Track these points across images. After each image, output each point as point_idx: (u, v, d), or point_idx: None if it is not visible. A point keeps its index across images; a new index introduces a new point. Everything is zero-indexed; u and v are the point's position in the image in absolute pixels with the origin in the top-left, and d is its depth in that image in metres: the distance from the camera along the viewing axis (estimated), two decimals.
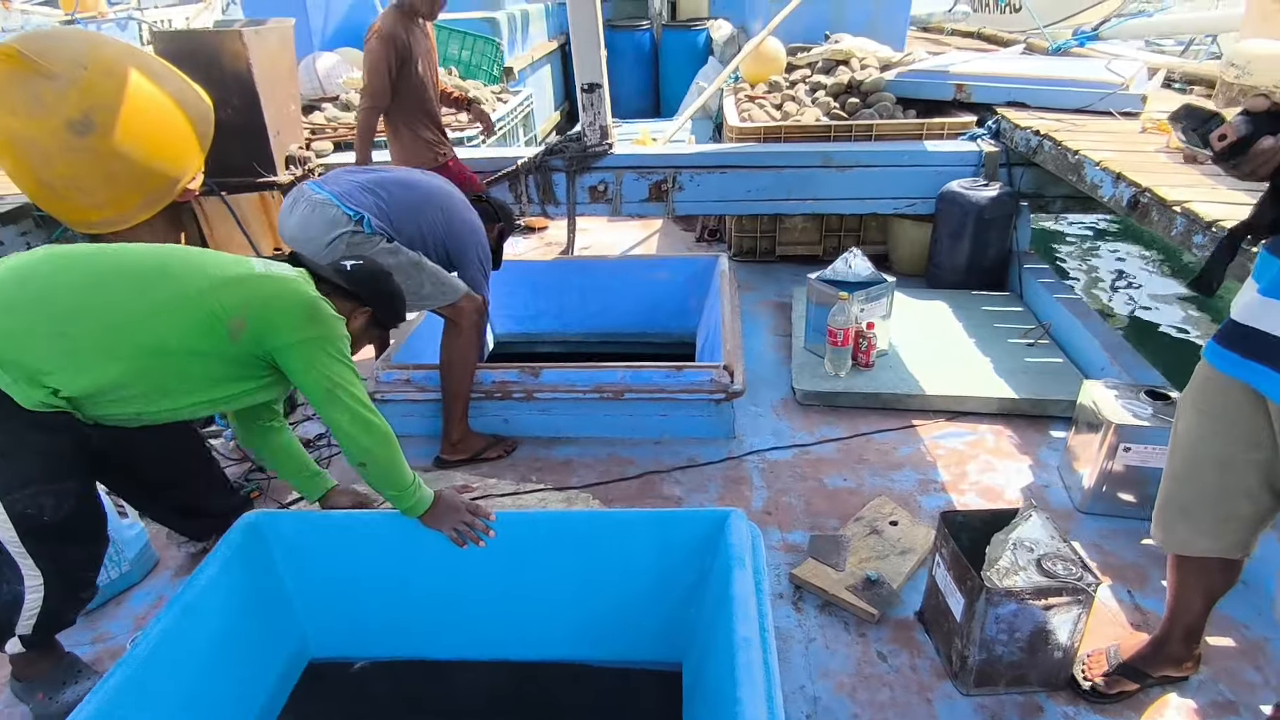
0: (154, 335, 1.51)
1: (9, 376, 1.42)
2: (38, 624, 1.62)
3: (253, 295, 1.58)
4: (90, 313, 1.48)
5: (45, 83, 2.48)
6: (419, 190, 2.44)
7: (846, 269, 2.94)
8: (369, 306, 1.84)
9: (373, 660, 1.86)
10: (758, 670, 1.32)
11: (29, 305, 1.46)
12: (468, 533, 1.70)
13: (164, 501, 1.97)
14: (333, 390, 1.59)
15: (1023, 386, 2.72)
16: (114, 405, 1.54)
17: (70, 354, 1.46)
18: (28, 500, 1.50)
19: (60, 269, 1.52)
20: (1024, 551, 1.60)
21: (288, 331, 1.58)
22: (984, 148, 3.67)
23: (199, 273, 1.57)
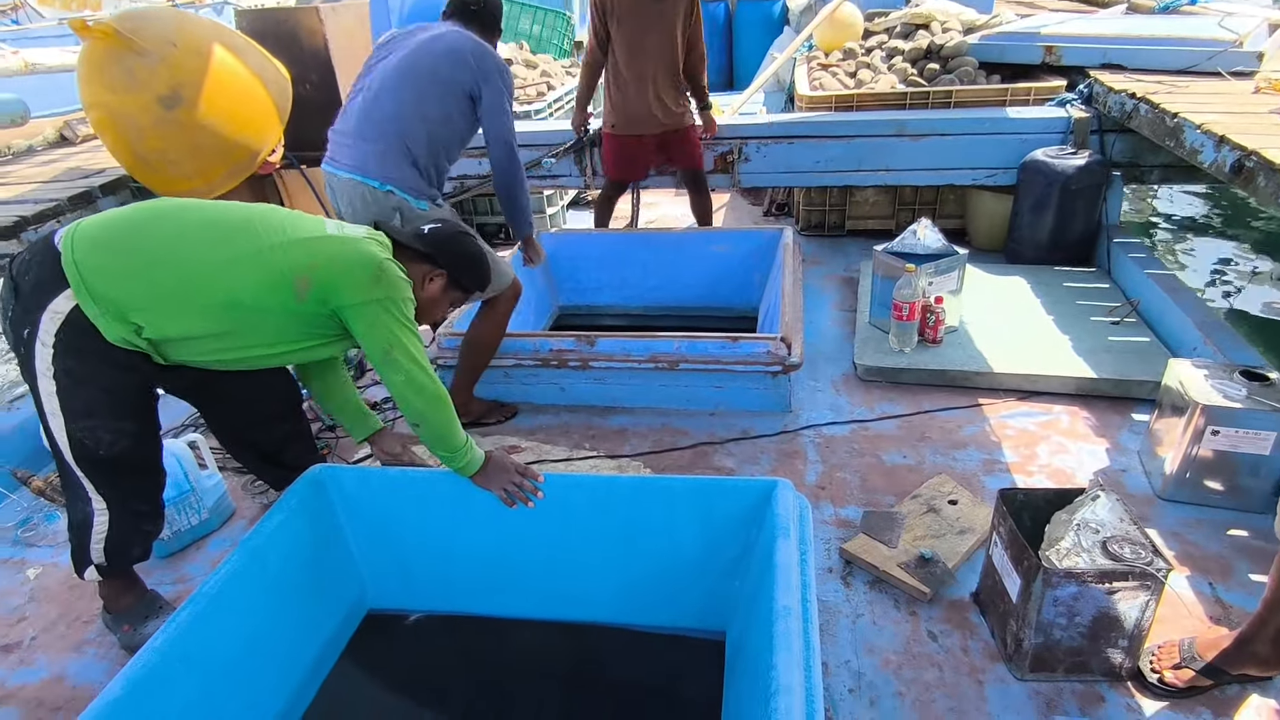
0: (227, 288, 1.58)
1: (98, 308, 1.52)
2: (107, 550, 1.74)
3: (319, 255, 1.63)
4: (174, 260, 1.56)
5: (138, 59, 2.63)
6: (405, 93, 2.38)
7: (915, 240, 2.83)
8: (445, 269, 1.83)
9: (428, 614, 1.92)
10: (796, 640, 1.30)
11: (126, 248, 1.56)
12: (516, 493, 1.74)
13: (246, 441, 2.08)
14: (390, 351, 1.63)
15: (1104, 366, 2.56)
16: (189, 352, 1.63)
17: (153, 298, 1.55)
18: (86, 431, 1.61)
19: (157, 218, 1.62)
20: (1089, 533, 1.51)
21: (352, 291, 1.62)
22: (1073, 113, 3.45)
23: (275, 231, 1.64)
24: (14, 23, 8.83)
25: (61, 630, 1.95)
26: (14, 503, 2.42)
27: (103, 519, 1.71)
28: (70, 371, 1.56)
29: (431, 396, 1.67)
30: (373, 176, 2.35)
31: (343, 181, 2.41)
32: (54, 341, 1.53)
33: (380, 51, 2.48)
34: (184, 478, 2.16)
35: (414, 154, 2.37)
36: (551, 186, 4.20)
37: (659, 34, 3.23)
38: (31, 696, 1.77)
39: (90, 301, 1.51)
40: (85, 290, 1.51)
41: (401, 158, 2.36)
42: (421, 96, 2.36)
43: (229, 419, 2.04)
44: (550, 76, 4.81)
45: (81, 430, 1.61)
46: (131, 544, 1.79)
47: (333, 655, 1.80)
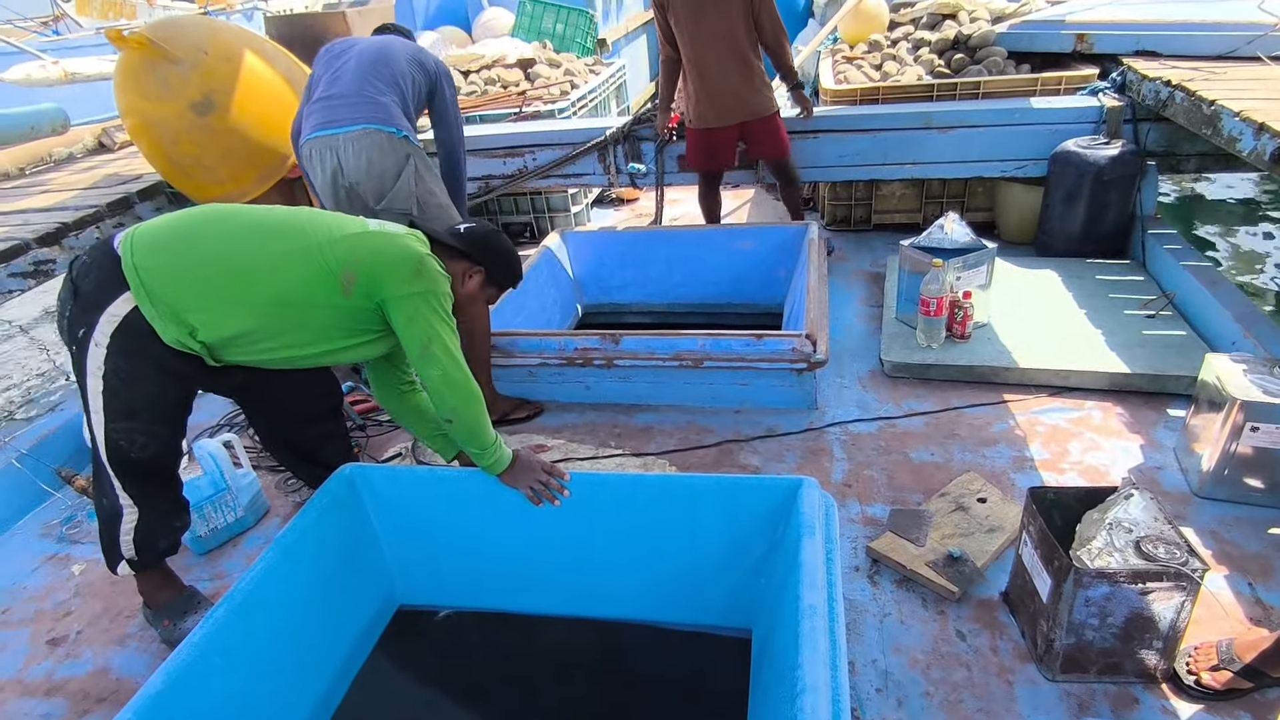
0: (276, 285, 1.62)
1: (155, 310, 1.57)
2: (136, 543, 1.80)
3: (363, 249, 1.67)
4: (224, 260, 1.61)
5: (171, 67, 2.70)
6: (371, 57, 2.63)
7: (942, 235, 2.79)
8: (482, 266, 1.87)
9: (457, 609, 1.95)
10: (822, 638, 1.30)
11: (181, 250, 1.61)
12: (543, 491, 1.75)
13: (285, 439, 2.13)
14: (429, 345, 1.66)
15: (1138, 361, 2.51)
16: (241, 352, 1.67)
17: (206, 296, 1.60)
18: (123, 432, 1.67)
19: (207, 221, 1.67)
20: (1121, 532, 1.49)
21: (394, 284, 1.65)
22: (1106, 102, 3.37)
23: (319, 229, 1.68)
24: (55, 33, 9.07)
25: (105, 624, 2.01)
26: (59, 501, 2.50)
27: (131, 514, 1.77)
28: (119, 372, 1.62)
29: (465, 393, 1.69)
30: (390, 124, 2.50)
31: (353, 135, 2.50)
32: (108, 343, 1.59)
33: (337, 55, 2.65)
34: (220, 476, 2.21)
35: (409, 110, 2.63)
36: (576, 185, 4.21)
37: (717, 19, 3.13)
38: (78, 689, 1.83)
39: (149, 303, 1.56)
40: (144, 292, 1.56)
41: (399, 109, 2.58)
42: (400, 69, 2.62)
43: (271, 417, 2.09)
44: (574, 75, 4.82)
45: (119, 431, 1.67)
46: (158, 536, 1.84)
47: (365, 650, 1.83)
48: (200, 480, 2.18)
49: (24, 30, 8.67)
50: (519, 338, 2.69)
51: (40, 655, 1.93)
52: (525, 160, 3.89)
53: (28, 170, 3.86)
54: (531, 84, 4.64)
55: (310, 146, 2.54)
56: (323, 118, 2.52)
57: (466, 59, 4.83)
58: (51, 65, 4.66)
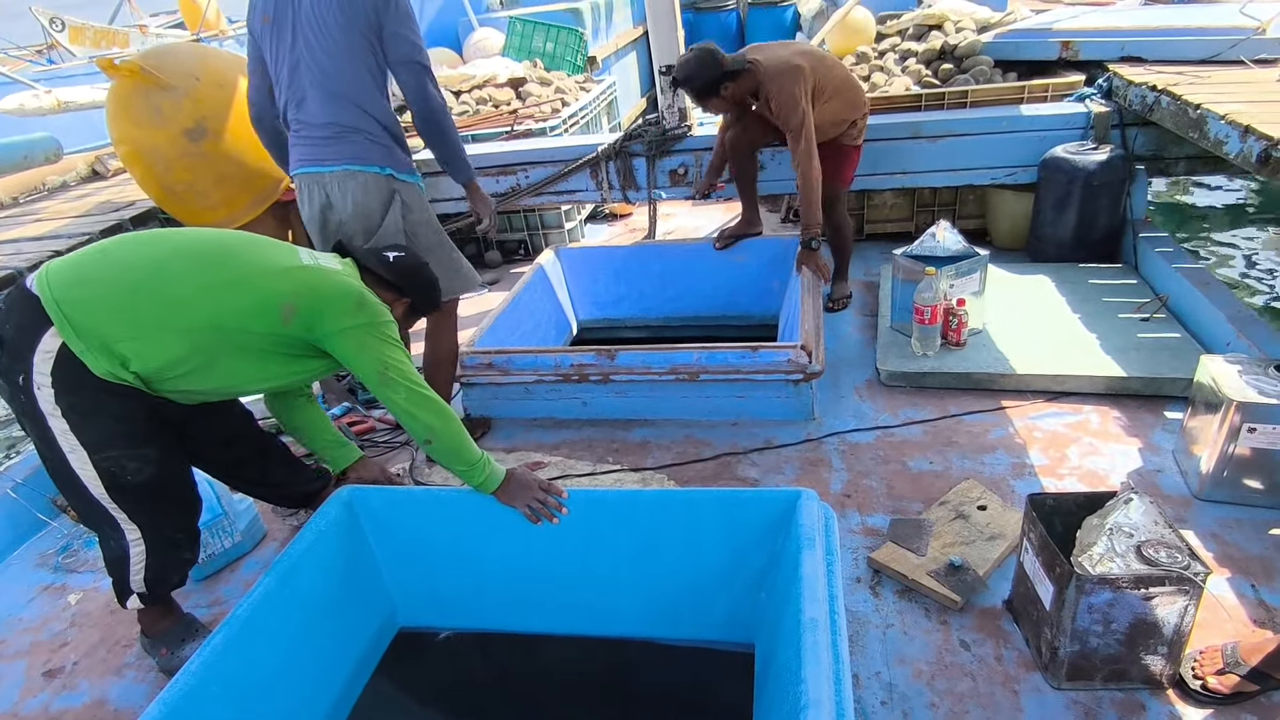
0: (210, 312, 1.59)
1: (83, 344, 1.52)
2: (147, 580, 1.77)
3: (302, 284, 1.66)
4: (155, 287, 1.58)
5: (163, 94, 2.71)
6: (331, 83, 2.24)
7: (935, 243, 2.80)
8: (408, 296, 1.92)
9: (458, 631, 1.94)
10: (825, 652, 1.29)
11: (104, 278, 1.57)
12: (541, 509, 1.75)
13: (236, 474, 2.07)
14: (385, 372, 1.65)
15: (1134, 364, 2.52)
16: (175, 381, 1.63)
17: (137, 325, 1.55)
18: (111, 460, 1.62)
19: (137, 245, 1.65)
20: (1122, 537, 1.48)
21: (337, 319, 1.65)
22: (1093, 108, 3.40)
23: (256, 258, 1.67)
24: (49, 62, 9.12)
25: (102, 654, 1.99)
26: (55, 530, 2.48)
27: (138, 550, 1.73)
28: (75, 407, 1.57)
29: (436, 409, 1.69)
30: (370, 163, 2.28)
31: (337, 176, 2.29)
32: (50, 381, 1.53)
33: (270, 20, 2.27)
34: (216, 501, 2.20)
35: (383, 122, 2.29)
36: (569, 201, 4.23)
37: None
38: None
39: (75, 337, 1.51)
40: (69, 326, 1.51)
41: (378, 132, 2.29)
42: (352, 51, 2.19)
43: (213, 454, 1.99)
44: (565, 93, 4.85)
45: (106, 460, 1.62)
46: (170, 572, 1.82)
47: (365, 673, 1.81)
48: None
49: (18, 60, 8.72)
50: (515, 355, 2.69)
51: (36, 687, 1.91)
52: (518, 178, 3.91)
53: (21, 199, 3.87)
54: (523, 102, 4.67)
55: (299, 180, 2.39)
56: (305, 153, 2.33)
57: (458, 79, 4.87)
58: (45, 94, 4.69)
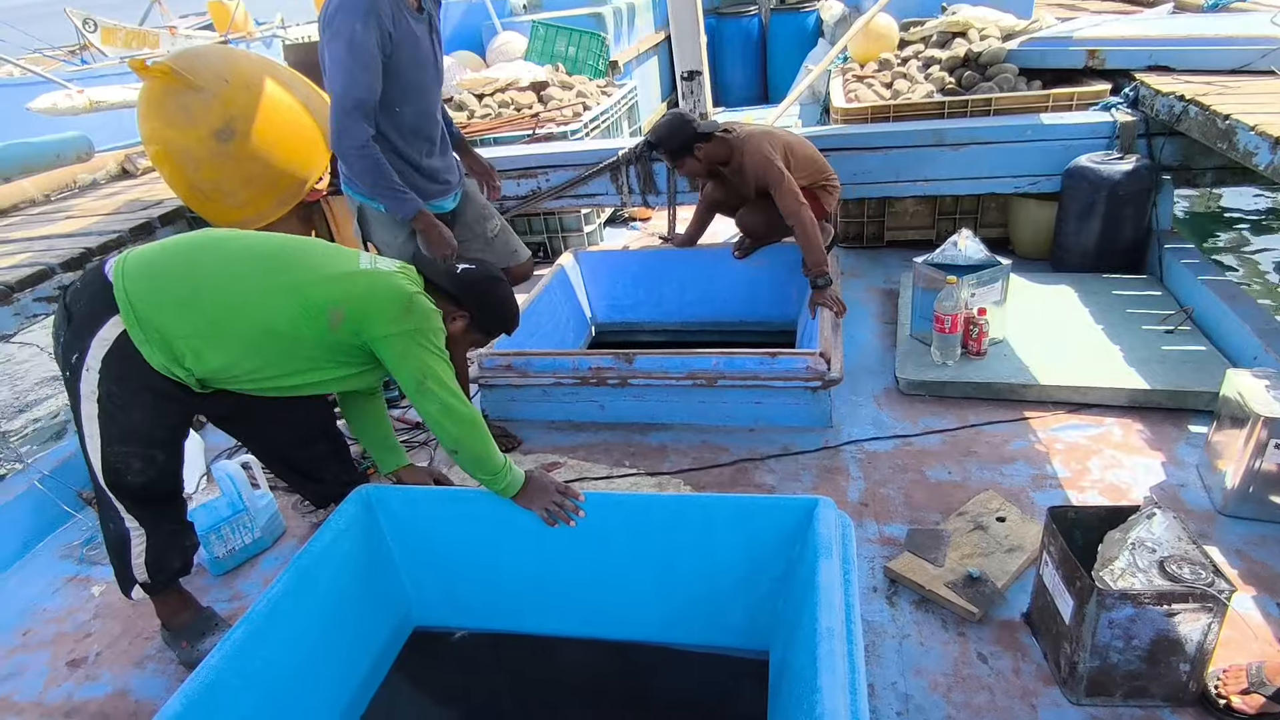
0: (264, 317, 1.64)
1: (144, 335, 1.58)
2: (149, 565, 1.81)
3: (352, 289, 1.68)
4: (216, 289, 1.63)
5: (193, 95, 2.75)
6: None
7: (956, 251, 2.78)
8: (468, 311, 1.88)
9: (473, 631, 1.95)
10: (840, 661, 1.29)
11: (172, 277, 1.63)
12: (558, 513, 1.75)
13: (283, 458, 2.14)
14: (423, 381, 1.67)
15: (1157, 377, 2.48)
16: (230, 381, 1.69)
17: (194, 325, 1.61)
18: (119, 456, 1.68)
19: (201, 248, 1.69)
20: (1144, 552, 1.47)
21: (383, 324, 1.67)
22: (1119, 118, 3.36)
23: (310, 264, 1.70)
24: (82, 62, 9.31)
25: (124, 646, 2.02)
26: (79, 522, 2.53)
27: (139, 537, 1.78)
28: (112, 397, 1.63)
29: (467, 423, 1.70)
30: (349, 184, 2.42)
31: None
32: (100, 367, 1.60)
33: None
34: (238, 497, 2.23)
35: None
36: (589, 204, 4.25)
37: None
38: (97, 710, 1.83)
39: (137, 328, 1.58)
40: (134, 317, 1.57)
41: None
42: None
43: (262, 443, 2.11)
44: (586, 97, 4.88)
45: (115, 455, 1.68)
46: (171, 558, 1.86)
47: (381, 671, 1.83)
48: (218, 501, 2.20)
49: (52, 60, 8.89)
50: (533, 358, 2.70)
51: (60, 677, 1.95)
52: (539, 181, 3.93)
53: (53, 196, 3.94)
54: (544, 106, 4.69)
55: None
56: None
57: (481, 83, 4.90)
58: (77, 94, 4.77)
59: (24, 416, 5.32)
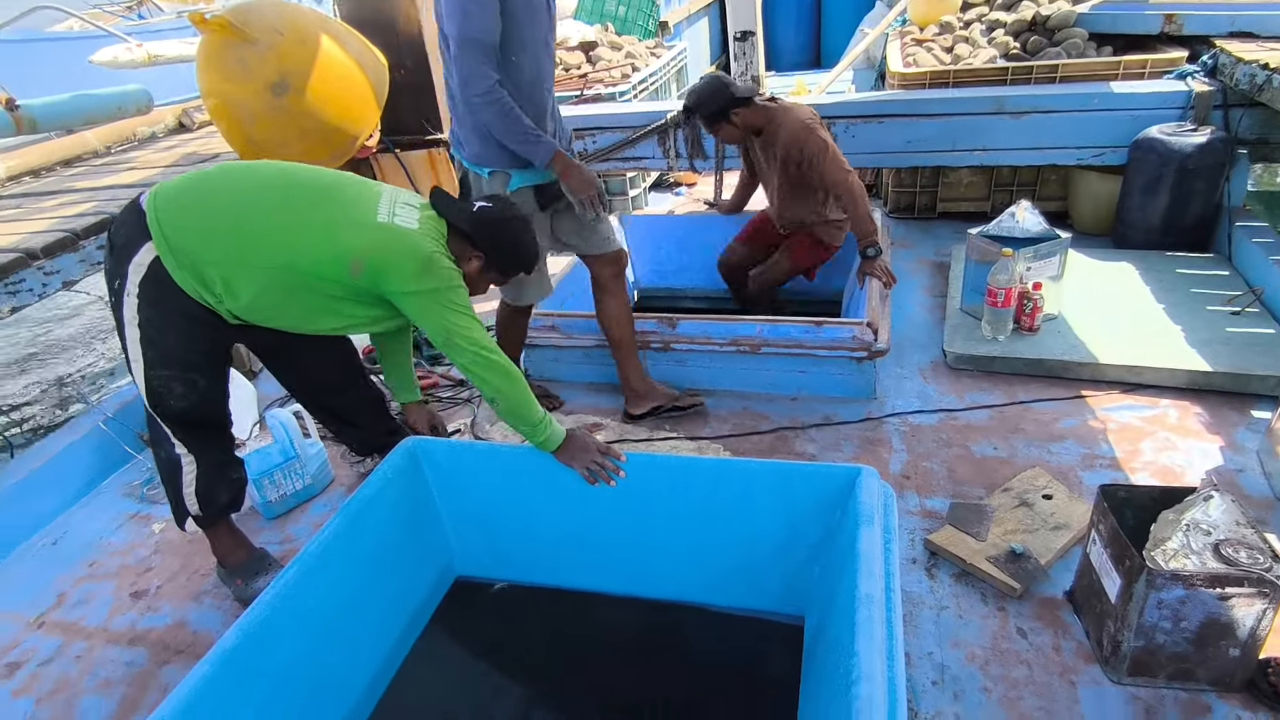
0: (285, 251, 1.66)
1: (175, 261, 1.63)
2: (199, 495, 1.89)
3: (371, 243, 1.69)
4: (240, 220, 1.66)
5: (249, 49, 2.78)
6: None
7: (1013, 223, 2.70)
8: (482, 252, 1.86)
9: (513, 583, 2.00)
10: (879, 628, 1.29)
11: (201, 206, 1.67)
12: (599, 472, 1.77)
13: (320, 402, 2.21)
14: (450, 337, 1.69)
15: (1220, 358, 2.39)
16: (257, 313, 1.73)
17: (223, 252, 1.65)
18: (161, 380, 1.74)
19: (228, 177, 1.72)
20: (1199, 534, 1.43)
21: (400, 282, 1.69)
22: (1195, 87, 3.20)
23: (339, 204, 1.71)
24: (139, 17, 9.46)
25: (183, 581, 2.12)
26: (140, 463, 2.64)
27: (190, 465, 1.86)
28: (151, 321, 1.69)
29: (501, 371, 1.72)
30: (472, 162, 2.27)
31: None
32: (138, 292, 1.66)
33: None
34: (289, 444, 2.30)
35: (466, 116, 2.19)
36: (635, 168, 4.21)
37: None
38: (158, 639, 1.93)
39: (169, 254, 1.63)
40: (165, 242, 1.63)
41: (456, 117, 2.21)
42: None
43: (297, 383, 2.17)
44: (635, 58, 4.81)
45: (157, 379, 1.74)
46: (219, 490, 1.93)
47: (423, 619, 1.89)
48: (271, 448, 2.28)
49: (111, 14, 9.06)
50: (577, 319, 2.72)
51: (124, 606, 2.05)
52: (585, 143, 3.91)
53: (113, 148, 4.05)
54: (593, 67, 4.64)
55: None
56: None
57: None
58: (136, 48, 4.85)
59: (83, 361, 5.54)
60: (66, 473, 2.51)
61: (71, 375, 5.23)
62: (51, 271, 2.40)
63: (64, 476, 2.50)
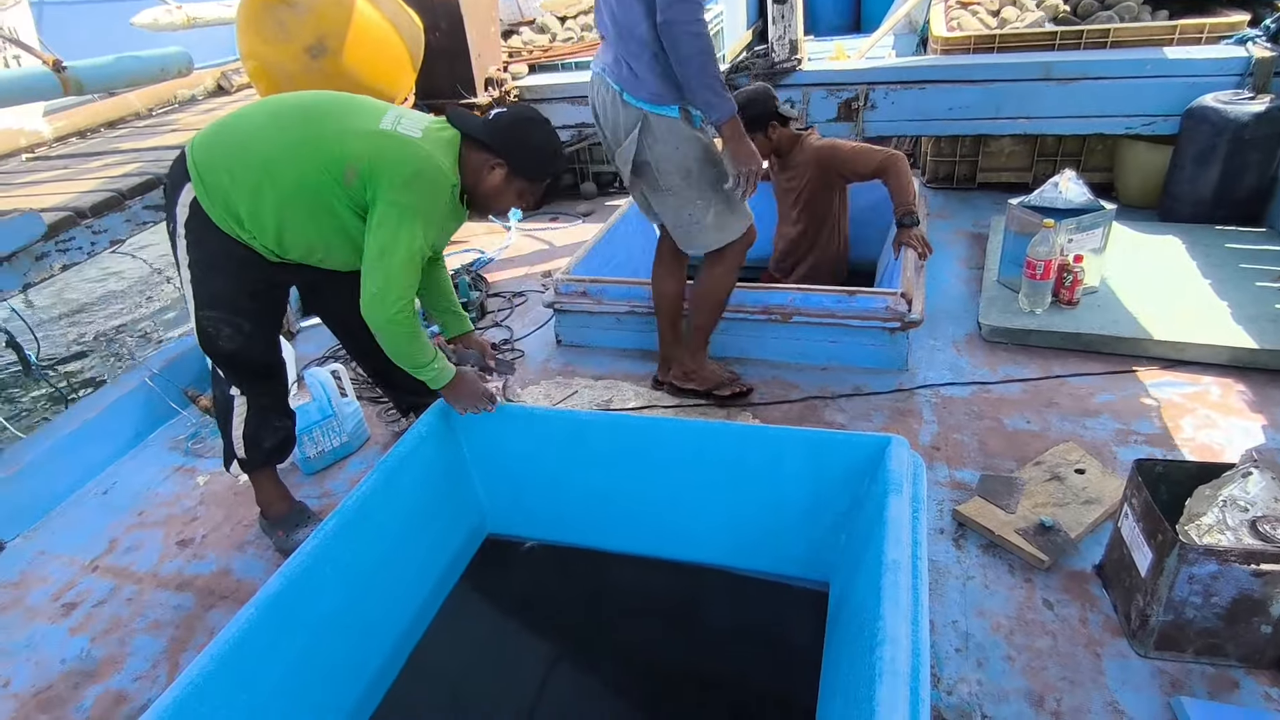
0: (296, 170, 1.67)
1: (209, 199, 1.68)
2: (246, 440, 1.95)
3: (369, 148, 1.66)
4: (256, 149, 1.68)
5: (288, 11, 2.80)
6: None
7: (1056, 194, 2.63)
8: (503, 158, 1.77)
9: (542, 542, 2.04)
10: (905, 593, 1.30)
11: (227, 141, 1.71)
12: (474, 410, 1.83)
13: (360, 351, 2.24)
14: (382, 254, 1.64)
15: (1267, 335, 2.33)
16: (288, 245, 1.75)
17: (242, 185, 1.67)
18: (209, 321, 1.79)
19: (255, 110, 1.75)
20: (1236, 510, 1.41)
21: (383, 187, 1.65)
22: (1255, 52, 3.07)
23: (340, 116, 1.71)
24: None
25: (226, 531, 2.20)
26: (185, 418, 2.73)
27: (240, 406, 1.92)
28: (199, 261, 1.75)
29: (391, 314, 1.68)
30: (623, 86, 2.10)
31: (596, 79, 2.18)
32: (185, 233, 1.72)
33: None
34: (327, 403, 2.35)
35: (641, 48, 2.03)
36: None
37: None
38: (204, 585, 2.02)
39: (205, 194, 1.67)
40: (201, 184, 1.67)
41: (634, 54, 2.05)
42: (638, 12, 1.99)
43: (339, 328, 2.20)
44: None
45: (206, 319, 1.79)
46: (262, 435, 1.98)
47: (454, 575, 1.94)
48: (309, 406, 2.34)
49: None
50: (609, 285, 2.72)
51: (172, 554, 2.14)
52: None
53: (155, 111, 4.12)
54: None
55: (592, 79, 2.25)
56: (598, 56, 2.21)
57: (564, 4, 4.81)
58: (176, 10, 4.89)
59: (130, 317, 5.70)
60: (116, 426, 2.61)
61: (120, 332, 5.39)
62: (100, 230, 2.47)
63: (114, 429, 2.60)
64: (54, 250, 2.34)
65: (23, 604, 2.02)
